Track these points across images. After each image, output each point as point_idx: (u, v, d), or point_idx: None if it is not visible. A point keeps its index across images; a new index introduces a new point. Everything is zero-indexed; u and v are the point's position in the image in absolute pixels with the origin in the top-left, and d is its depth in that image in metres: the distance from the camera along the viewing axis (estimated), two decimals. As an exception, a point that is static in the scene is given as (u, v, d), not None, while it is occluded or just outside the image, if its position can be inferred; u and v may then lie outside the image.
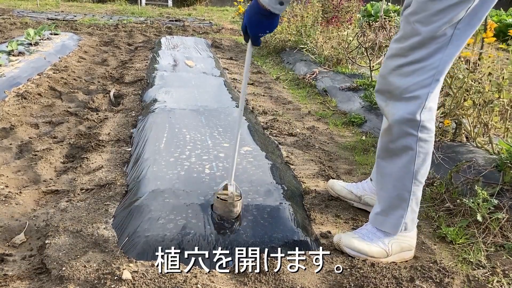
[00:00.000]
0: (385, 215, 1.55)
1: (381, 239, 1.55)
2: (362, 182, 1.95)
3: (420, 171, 1.47)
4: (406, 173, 1.47)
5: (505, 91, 2.11)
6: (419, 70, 1.37)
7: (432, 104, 1.42)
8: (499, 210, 1.74)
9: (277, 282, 1.36)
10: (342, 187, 1.97)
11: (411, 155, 1.44)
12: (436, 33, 1.32)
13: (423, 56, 1.35)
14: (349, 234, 1.58)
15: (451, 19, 1.31)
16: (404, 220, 1.52)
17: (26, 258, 1.47)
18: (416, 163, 1.45)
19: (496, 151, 2.14)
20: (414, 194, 1.49)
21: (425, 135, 1.43)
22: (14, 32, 6.15)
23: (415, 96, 1.38)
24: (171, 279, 1.31)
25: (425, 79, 1.37)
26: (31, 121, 2.84)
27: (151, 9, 11.53)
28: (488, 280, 1.45)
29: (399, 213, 1.52)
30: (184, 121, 2.63)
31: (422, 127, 1.41)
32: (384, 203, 1.55)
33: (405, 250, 1.56)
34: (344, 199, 1.96)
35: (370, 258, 1.51)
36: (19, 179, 2.03)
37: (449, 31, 1.33)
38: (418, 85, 1.37)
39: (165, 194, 1.72)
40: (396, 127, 1.43)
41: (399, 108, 1.41)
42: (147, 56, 5.10)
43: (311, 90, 4.14)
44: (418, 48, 1.35)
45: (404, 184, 1.48)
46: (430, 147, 1.46)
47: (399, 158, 1.47)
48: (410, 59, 1.37)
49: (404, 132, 1.42)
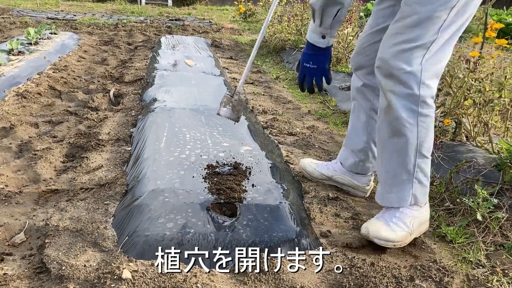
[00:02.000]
0: (392, 192, 1.62)
1: (403, 220, 1.60)
2: (331, 163, 2.10)
3: (423, 144, 1.53)
4: (410, 148, 1.53)
5: (506, 90, 2.10)
6: (415, 48, 1.44)
7: (430, 82, 1.48)
8: (499, 209, 1.75)
9: (277, 281, 1.36)
10: (314, 169, 2.13)
11: (413, 130, 1.50)
12: (433, 14, 1.41)
13: (419, 35, 1.44)
14: (375, 223, 1.61)
15: (446, 2, 1.40)
16: (412, 192, 1.59)
17: (26, 258, 1.47)
18: (419, 137, 1.51)
19: (496, 151, 2.14)
20: (419, 167, 1.56)
21: (426, 110, 1.49)
22: (14, 31, 6.15)
23: (411, 71, 1.45)
24: (171, 279, 1.31)
25: (419, 57, 1.45)
26: (31, 120, 2.84)
27: (151, 8, 11.52)
28: (488, 280, 1.45)
29: (406, 186, 1.58)
30: (184, 121, 2.63)
31: (423, 102, 1.47)
32: (390, 181, 1.62)
33: (422, 223, 1.64)
34: (316, 179, 2.13)
35: (397, 244, 1.58)
36: (19, 178, 2.03)
37: (444, 14, 1.41)
38: (414, 62, 1.44)
39: (165, 194, 1.72)
40: (397, 103, 1.49)
41: (398, 84, 1.47)
42: (147, 55, 5.10)
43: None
44: (415, 27, 1.44)
45: (409, 158, 1.55)
46: (431, 122, 1.52)
47: (402, 134, 1.52)
48: (407, 37, 1.45)
49: (405, 107, 1.48)
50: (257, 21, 9.55)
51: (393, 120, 1.53)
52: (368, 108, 1.90)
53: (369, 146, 1.95)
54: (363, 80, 1.87)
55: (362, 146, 1.96)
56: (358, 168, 2.00)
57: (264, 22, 1.80)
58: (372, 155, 1.96)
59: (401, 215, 1.62)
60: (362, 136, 1.95)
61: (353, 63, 1.91)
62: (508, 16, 9.16)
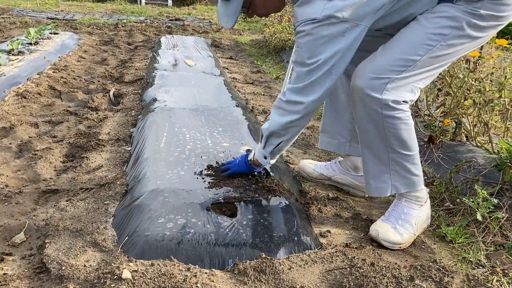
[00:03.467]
0: (370, 183, 1.68)
1: (408, 221, 1.65)
2: (331, 163, 2.12)
3: (393, 142, 1.56)
4: (377, 143, 1.58)
5: (506, 90, 2.10)
6: (392, 60, 1.50)
7: (396, 91, 1.51)
8: (499, 209, 1.74)
9: (277, 281, 1.36)
10: (313, 170, 2.15)
11: (378, 128, 1.55)
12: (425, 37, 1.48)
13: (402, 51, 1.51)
14: (383, 226, 1.65)
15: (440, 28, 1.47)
16: (391, 183, 1.63)
17: (26, 258, 1.47)
18: (386, 135, 1.55)
19: (496, 151, 2.14)
20: (394, 160, 1.59)
21: (390, 112, 1.51)
22: (14, 31, 6.15)
23: (377, 77, 1.50)
24: (171, 278, 1.31)
25: (392, 70, 1.49)
26: (30, 120, 2.84)
27: (151, 8, 11.52)
28: (488, 279, 1.45)
29: (383, 177, 1.63)
30: (184, 121, 2.63)
31: (385, 105, 1.50)
32: (366, 173, 1.68)
33: (425, 220, 1.70)
34: (315, 180, 2.14)
35: (403, 246, 1.63)
36: (19, 178, 2.03)
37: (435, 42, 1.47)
38: (384, 70, 1.49)
39: (165, 194, 1.72)
40: (360, 104, 1.55)
41: (364, 87, 1.52)
42: (147, 55, 5.10)
43: (311, 90, 4.13)
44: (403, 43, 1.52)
45: (380, 152, 1.60)
46: (400, 123, 1.53)
47: (367, 130, 1.59)
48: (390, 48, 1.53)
49: (368, 108, 1.53)
50: (257, 21, 9.55)
51: (360, 119, 1.59)
52: (349, 87, 1.89)
53: (353, 126, 1.93)
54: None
55: (347, 126, 1.96)
56: (346, 149, 1.99)
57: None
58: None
59: (406, 216, 1.66)
60: (344, 116, 1.95)
61: None
62: (508, 16, 9.12)
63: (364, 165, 1.69)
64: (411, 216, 1.66)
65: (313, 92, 1.55)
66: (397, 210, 1.69)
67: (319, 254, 1.53)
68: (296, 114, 1.61)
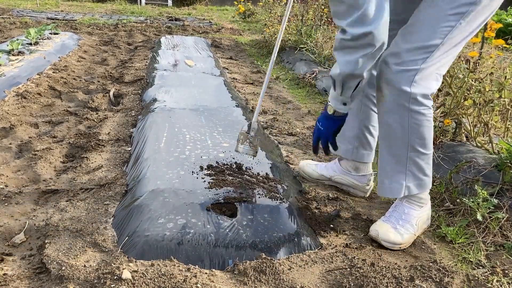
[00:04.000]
0: (385, 183, 1.68)
1: (409, 222, 1.65)
2: (331, 163, 2.12)
3: (415, 140, 1.57)
4: (400, 141, 1.58)
5: (506, 91, 2.10)
6: (415, 50, 1.49)
7: (424, 82, 1.52)
8: (499, 209, 1.74)
9: (277, 281, 1.36)
10: (313, 170, 2.14)
11: (403, 125, 1.56)
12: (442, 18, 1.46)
13: (423, 37, 1.48)
14: (383, 226, 1.65)
15: (457, 8, 1.43)
16: (405, 183, 1.63)
17: (26, 258, 1.47)
18: (410, 132, 1.55)
19: (496, 151, 2.14)
20: (411, 159, 1.60)
21: (416, 107, 1.52)
22: (14, 31, 6.15)
23: (405, 70, 1.50)
24: (171, 279, 1.31)
25: (418, 59, 1.49)
26: (30, 120, 2.84)
27: (151, 8, 11.53)
28: (488, 280, 1.45)
29: (399, 177, 1.63)
30: (184, 121, 2.63)
31: (413, 99, 1.51)
32: (383, 172, 1.68)
33: (425, 221, 1.71)
34: (316, 180, 2.14)
35: (403, 246, 1.63)
36: (18, 178, 2.03)
37: (453, 21, 1.45)
38: (411, 62, 1.49)
39: (165, 194, 1.72)
40: (389, 98, 1.55)
41: (393, 80, 1.52)
42: (147, 55, 5.10)
43: (311, 90, 4.14)
44: (422, 30, 1.50)
45: (401, 151, 1.60)
46: (424, 119, 1.55)
47: (392, 128, 1.59)
48: (411, 38, 1.51)
49: (395, 102, 1.53)
50: (257, 21, 9.55)
51: (385, 114, 1.59)
52: (361, 94, 1.90)
53: (362, 133, 1.95)
54: None
55: (355, 132, 1.96)
56: (353, 155, 1.99)
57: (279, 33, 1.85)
58: (366, 141, 1.96)
59: (407, 217, 1.66)
60: (354, 123, 1.95)
61: None
62: (508, 16, 9.16)
63: (381, 162, 1.68)
64: (412, 216, 1.66)
65: (376, 17, 1.39)
66: (398, 210, 1.69)
67: (319, 254, 1.53)
68: (369, 47, 1.45)
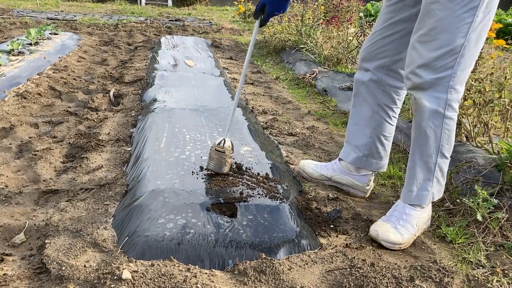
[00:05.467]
0: (413, 190, 1.68)
1: (410, 222, 1.66)
2: (331, 163, 2.12)
3: (445, 145, 1.61)
4: (432, 148, 1.61)
5: (506, 91, 2.10)
6: (445, 55, 1.49)
7: (458, 87, 1.54)
8: (499, 209, 1.74)
9: (277, 282, 1.36)
10: (314, 170, 2.15)
11: (437, 132, 1.59)
12: (457, 17, 1.45)
13: (447, 40, 1.48)
14: (383, 226, 1.66)
15: (468, 4, 1.43)
16: (431, 190, 1.66)
17: (26, 258, 1.47)
18: (442, 138, 1.59)
19: (496, 151, 2.14)
20: (439, 166, 1.63)
21: (451, 113, 1.56)
22: (14, 31, 6.15)
23: (441, 77, 1.51)
24: (171, 279, 1.31)
25: (450, 62, 1.49)
26: (30, 120, 2.84)
27: (151, 8, 11.53)
28: (488, 280, 1.45)
29: (427, 184, 1.66)
30: (184, 121, 2.63)
31: (449, 105, 1.54)
32: (412, 179, 1.68)
33: (426, 221, 1.72)
34: (316, 180, 2.14)
35: (403, 246, 1.63)
36: (18, 178, 2.03)
37: (468, 17, 1.44)
38: (443, 68, 1.50)
39: (165, 194, 1.72)
40: (426, 106, 1.56)
41: (428, 88, 1.54)
42: (147, 55, 5.10)
43: (311, 90, 4.14)
44: (441, 33, 1.49)
45: (431, 158, 1.62)
46: (454, 125, 1.60)
47: (426, 134, 1.60)
48: (435, 44, 1.50)
49: (432, 110, 1.55)
50: (257, 21, 9.54)
51: (421, 121, 1.60)
52: (374, 103, 1.89)
53: (373, 142, 1.94)
54: (370, 74, 1.87)
55: (365, 140, 1.95)
56: (362, 163, 1.99)
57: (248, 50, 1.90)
58: (376, 151, 1.95)
59: (408, 217, 1.66)
60: (366, 131, 1.94)
61: (362, 54, 1.90)
62: (508, 16, 9.16)
63: (411, 169, 1.68)
64: (413, 217, 1.67)
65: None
66: (398, 210, 1.70)
67: (319, 254, 1.53)
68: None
